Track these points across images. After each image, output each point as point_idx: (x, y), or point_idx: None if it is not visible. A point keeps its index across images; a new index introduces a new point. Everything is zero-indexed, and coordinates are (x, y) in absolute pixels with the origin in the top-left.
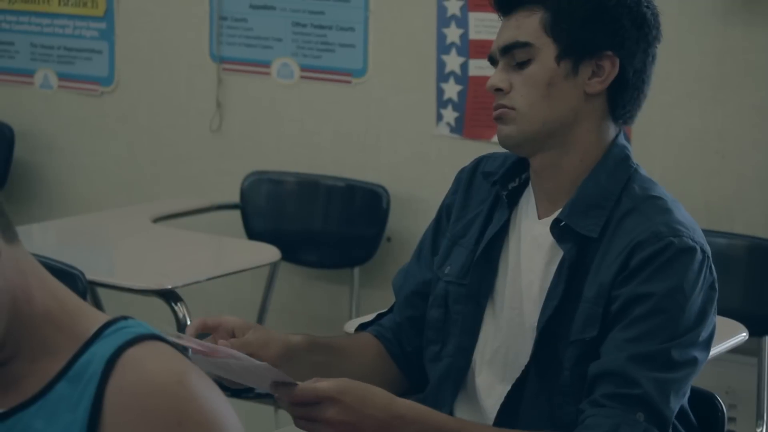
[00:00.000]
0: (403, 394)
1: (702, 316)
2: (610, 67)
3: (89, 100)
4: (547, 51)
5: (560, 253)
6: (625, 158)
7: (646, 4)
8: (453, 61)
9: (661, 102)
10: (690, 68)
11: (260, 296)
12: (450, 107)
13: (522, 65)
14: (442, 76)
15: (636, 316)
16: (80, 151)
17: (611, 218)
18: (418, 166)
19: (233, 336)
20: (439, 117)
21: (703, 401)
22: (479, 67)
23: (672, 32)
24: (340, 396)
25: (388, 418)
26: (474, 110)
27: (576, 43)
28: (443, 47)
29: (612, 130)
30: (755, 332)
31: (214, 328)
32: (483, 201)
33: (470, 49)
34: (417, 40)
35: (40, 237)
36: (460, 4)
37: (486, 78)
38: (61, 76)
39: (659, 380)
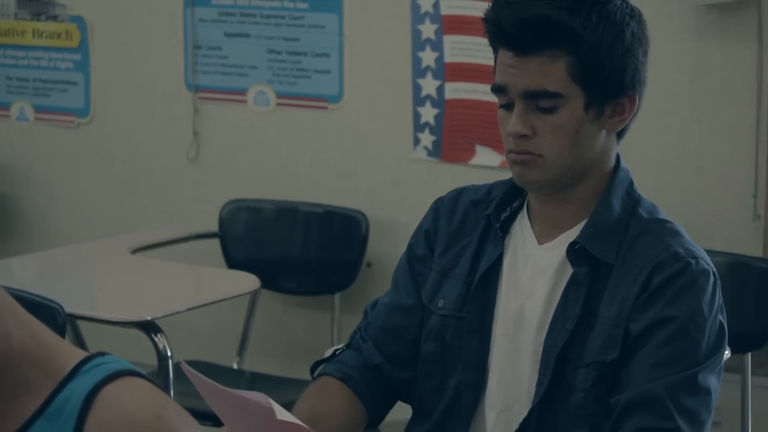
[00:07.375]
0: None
1: (720, 340)
2: (629, 104)
3: (66, 132)
4: (576, 100)
5: (565, 278)
6: (630, 183)
7: (644, 26)
8: (429, 85)
9: (637, 120)
10: (666, 86)
11: (241, 325)
12: (427, 131)
13: (546, 110)
14: (419, 99)
15: (660, 340)
16: (58, 184)
17: (622, 242)
18: (396, 190)
19: None
20: (416, 141)
21: None
22: (455, 90)
23: None
24: None
25: None
26: (451, 133)
27: (605, 91)
28: (419, 71)
29: (615, 151)
30: (737, 349)
31: None
32: (472, 231)
33: (446, 72)
34: (392, 64)
35: (20, 271)
36: (435, 27)
37: (462, 101)
38: (37, 109)
39: (690, 411)
